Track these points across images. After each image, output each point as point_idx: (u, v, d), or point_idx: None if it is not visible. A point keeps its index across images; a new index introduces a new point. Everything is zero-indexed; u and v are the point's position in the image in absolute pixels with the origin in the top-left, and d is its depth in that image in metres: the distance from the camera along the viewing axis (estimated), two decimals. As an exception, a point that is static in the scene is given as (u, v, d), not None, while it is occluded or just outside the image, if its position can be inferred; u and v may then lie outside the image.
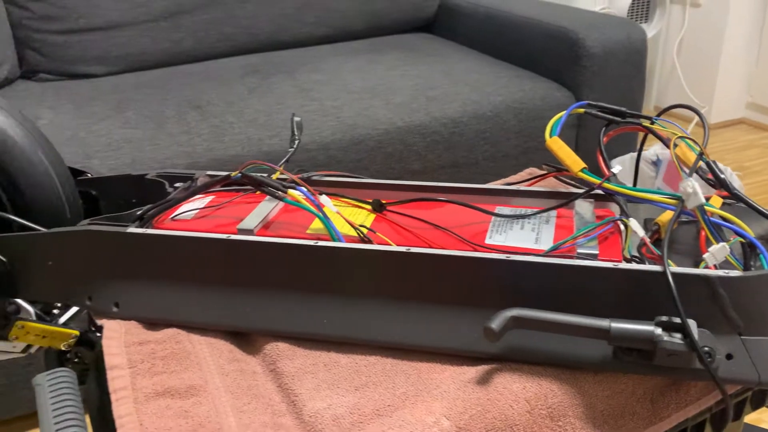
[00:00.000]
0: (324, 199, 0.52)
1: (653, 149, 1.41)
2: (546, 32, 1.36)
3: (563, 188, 0.60)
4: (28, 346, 0.63)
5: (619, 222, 0.51)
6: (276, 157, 1.08)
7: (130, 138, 1.07)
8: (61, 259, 0.55)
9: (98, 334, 0.63)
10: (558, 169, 0.59)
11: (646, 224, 0.55)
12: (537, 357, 0.47)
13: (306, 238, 0.51)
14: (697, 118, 2.30)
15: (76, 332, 0.61)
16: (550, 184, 0.69)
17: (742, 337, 0.45)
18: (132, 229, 0.53)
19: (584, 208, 0.55)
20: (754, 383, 0.44)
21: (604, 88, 1.30)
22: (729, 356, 0.44)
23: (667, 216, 0.52)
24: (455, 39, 1.70)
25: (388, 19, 1.73)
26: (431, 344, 0.48)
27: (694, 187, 0.48)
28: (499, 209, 0.57)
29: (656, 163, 1.40)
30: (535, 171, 0.77)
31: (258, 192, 0.60)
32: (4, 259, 0.56)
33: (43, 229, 0.56)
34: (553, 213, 0.56)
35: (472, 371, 0.47)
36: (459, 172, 1.22)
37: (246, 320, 0.52)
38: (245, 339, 0.54)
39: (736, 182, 1.25)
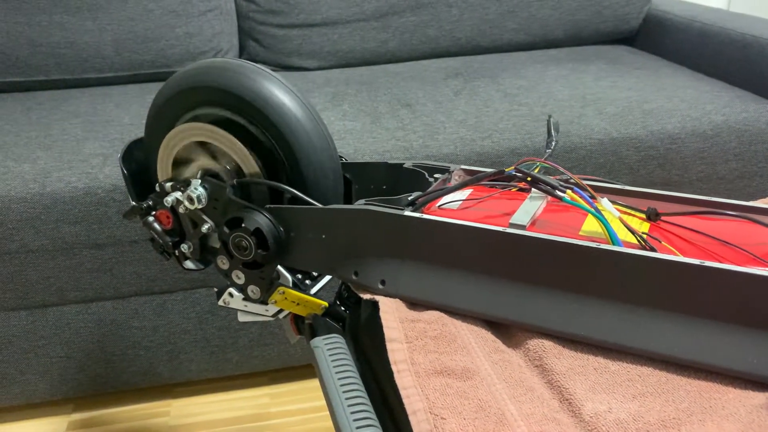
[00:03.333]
0: (604, 201, 0.52)
1: None
2: (776, 51, 1.27)
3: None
4: (279, 311, 0.68)
5: None
6: (488, 159, 1.09)
7: (351, 129, 1.12)
8: (335, 233, 0.59)
9: (342, 308, 0.67)
10: None
11: None
12: None
13: (580, 239, 0.51)
14: None
15: (326, 303, 0.66)
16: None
17: None
18: (408, 213, 0.56)
19: None
20: None
21: (843, 117, 1.19)
22: None
23: None
24: (660, 53, 1.63)
25: (589, 29, 1.69)
26: (714, 363, 0.47)
27: None
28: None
29: None
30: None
31: (515, 189, 0.61)
32: (281, 228, 0.61)
33: (320, 205, 0.61)
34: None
35: (762, 397, 0.45)
36: (670, 191, 1.17)
37: (511, 312, 0.53)
38: (504, 331, 0.55)
39: None
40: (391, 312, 0.54)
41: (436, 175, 0.65)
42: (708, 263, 0.46)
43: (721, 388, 0.46)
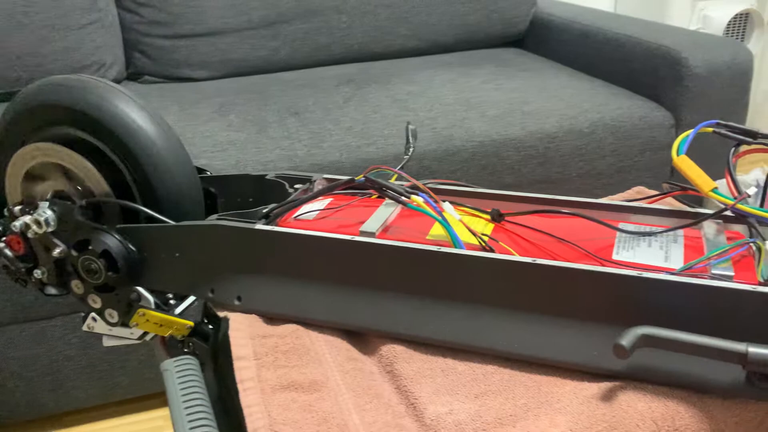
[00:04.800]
0: (446, 205, 0.53)
1: (754, 173, 1.35)
2: (647, 51, 1.33)
3: (685, 208, 0.59)
4: (144, 334, 0.66)
5: (752, 245, 0.49)
6: (372, 165, 1.09)
7: (234, 140, 1.11)
8: (189, 251, 0.58)
9: (210, 327, 0.66)
10: (682, 188, 0.58)
11: (779, 249, 0.53)
12: (662, 377, 0.46)
13: (426, 244, 0.52)
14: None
15: (191, 323, 0.64)
16: (666, 204, 0.68)
17: None
18: (259, 226, 0.55)
19: (713, 229, 0.54)
20: None
21: (706, 110, 1.26)
22: None
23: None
24: (547, 55, 1.69)
25: (480, 33, 1.73)
26: (553, 357, 0.48)
27: (836, 213, 0.46)
28: (622, 225, 0.56)
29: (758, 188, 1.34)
30: (644, 190, 0.75)
31: (374, 197, 0.61)
32: (133, 249, 0.59)
33: (173, 222, 0.59)
34: (680, 232, 0.55)
35: (594, 387, 0.47)
36: (552, 187, 1.21)
37: (364, 320, 0.53)
38: (361, 339, 0.55)
39: None
40: (242, 329, 0.53)
41: (296, 186, 0.65)
42: (540, 261, 0.48)
43: (559, 381, 0.48)
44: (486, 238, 0.52)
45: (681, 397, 0.46)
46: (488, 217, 0.56)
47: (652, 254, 0.51)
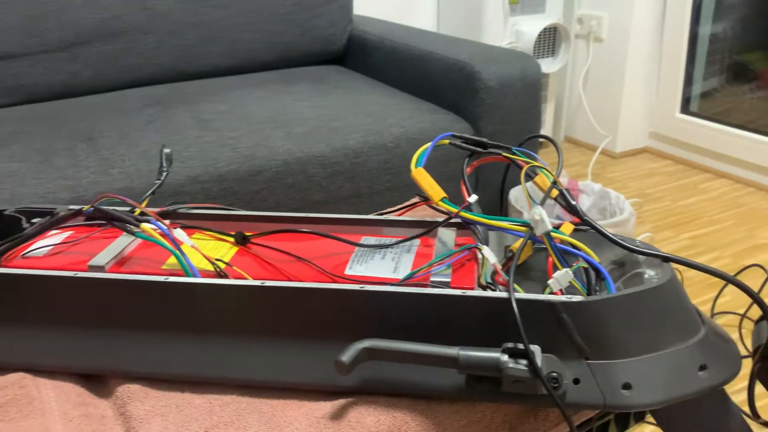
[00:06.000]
0: (178, 232, 0.51)
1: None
2: (445, 65, 1.39)
3: (437, 217, 0.61)
4: None
5: (476, 250, 0.51)
6: (166, 189, 1.05)
7: (13, 172, 1.02)
8: None
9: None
10: (424, 198, 0.60)
11: (506, 252, 0.56)
12: (393, 388, 0.47)
13: (161, 274, 0.50)
14: (603, 143, 2.37)
15: None
16: (428, 213, 0.70)
17: (588, 361, 0.45)
18: (-29, 269, 0.50)
19: (447, 236, 0.56)
20: (600, 407, 0.45)
21: (501, 120, 1.33)
22: (576, 381, 0.45)
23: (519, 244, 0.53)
24: (365, 72, 1.72)
25: (297, 51, 1.73)
26: (286, 380, 0.47)
27: (541, 215, 0.49)
28: (364, 239, 0.57)
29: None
30: (417, 200, 0.77)
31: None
32: None
33: None
34: (417, 242, 0.56)
35: (328, 406, 0.46)
36: (362, 202, 1.22)
37: (96, 361, 0.50)
38: (99, 381, 0.51)
39: (628, 209, 1.30)
40: (-51, 384, 0.47)
41: (34, 220, 0.60)
42: (269, 283, 0.47)
43: (296, 404, 0.47)
44: (222, 264, 0.51)
45: (410, 406, 0.47)
46: (233, 240, 0.55)
47: (384, 266, 0.51)
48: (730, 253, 1.69)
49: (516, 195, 1.38)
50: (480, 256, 0.51)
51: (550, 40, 2.27)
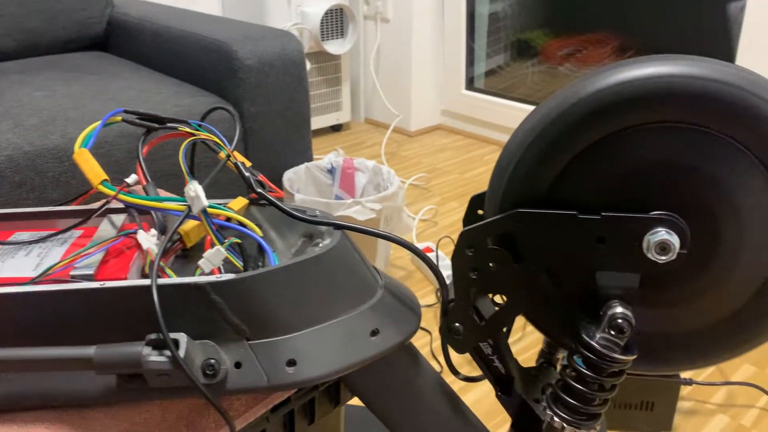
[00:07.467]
0: None
1: (328, 157, 1.43)
2: (204, 46, 1.31)
3: (95, 207, 0.54)
4: None
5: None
6: None
7: None
8: None
9: None
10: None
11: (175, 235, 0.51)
12: (34, 401, 0.40)
13: None
14: (394, 122, 2.41)
15: None
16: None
17: (250, 342, 0.41)
18: None
19: (110, 225, 0.49)
20: (264, 389, 0.41)
21: (265, 100, 1.28)
22: (238, 364, 0.41)
23: (188, 225, 0.48)
24: (130, 57, 1.59)
25: (48, 37, 1.56)
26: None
27: (196, 191, 0.44)
28: (17, 235, 0.49)
29: (332, 171, 1.42)
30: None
31: None
32: None
33: None
34: (77, 233, 0.49)
35: None
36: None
37: None
38: None
39: (396, 183, 1.31)
40: None
41: None
42: None
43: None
44: None
45: (59, 418, 0.40)
46: None
47: (24, 264, 0.44)
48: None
49: (290, 177, 1.34)
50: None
51: (338, 21, 2.26)
